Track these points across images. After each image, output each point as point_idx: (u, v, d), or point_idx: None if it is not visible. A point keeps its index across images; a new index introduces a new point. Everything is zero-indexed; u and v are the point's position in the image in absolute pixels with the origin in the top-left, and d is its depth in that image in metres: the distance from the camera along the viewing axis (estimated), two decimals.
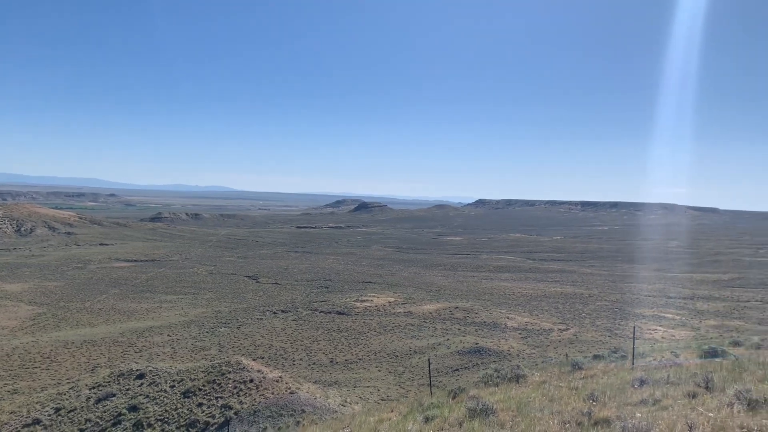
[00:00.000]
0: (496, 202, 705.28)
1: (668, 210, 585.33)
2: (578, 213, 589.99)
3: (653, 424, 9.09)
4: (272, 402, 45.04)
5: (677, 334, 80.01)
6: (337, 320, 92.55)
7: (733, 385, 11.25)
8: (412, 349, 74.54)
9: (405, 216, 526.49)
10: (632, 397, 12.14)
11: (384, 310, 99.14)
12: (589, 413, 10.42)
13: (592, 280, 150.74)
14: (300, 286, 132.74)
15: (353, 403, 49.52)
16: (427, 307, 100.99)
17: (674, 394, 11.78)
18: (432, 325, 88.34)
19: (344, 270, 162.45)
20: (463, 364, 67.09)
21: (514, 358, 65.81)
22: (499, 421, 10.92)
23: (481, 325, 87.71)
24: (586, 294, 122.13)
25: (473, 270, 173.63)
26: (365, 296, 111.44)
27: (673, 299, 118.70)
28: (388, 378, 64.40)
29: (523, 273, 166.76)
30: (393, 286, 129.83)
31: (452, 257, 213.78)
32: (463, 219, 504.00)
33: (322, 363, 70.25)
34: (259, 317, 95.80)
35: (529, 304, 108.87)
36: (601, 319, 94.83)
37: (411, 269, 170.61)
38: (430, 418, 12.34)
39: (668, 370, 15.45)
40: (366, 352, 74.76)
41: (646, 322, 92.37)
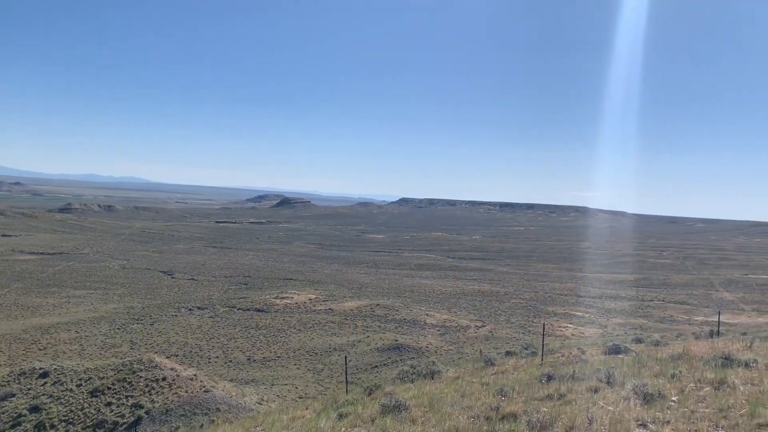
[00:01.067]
0: (419, 201, 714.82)
1: (580, 212, 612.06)
2: (497, 213, 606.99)
3: (557, 418, 9.45)
4: (186, 400, 43.84)
5: (586, 332, 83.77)
6: (256, 317, 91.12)
7: (631, 380, 11.85)
8: (332, 347, 74.43)
9: (328, 213, 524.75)
10: (539, 392, 12.57)
11: (304, 308, 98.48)
12: (498, 408, 10.72)
13: (508, 278, 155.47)
14: (218, 282, 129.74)
15: (270, 401, 48.93)
16: (349, 304, 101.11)
17: (578, 389, 12.28)
18: (353, 322, 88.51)
19: (264, 266, 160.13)
20: (382, 361, 67.62)
21: (432, 354, 66.95)
22: (411, 417, 11.06)
23: (401, 322, 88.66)
24: (502, 292, 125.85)
25: (395, 268, 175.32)
26: (285, 293, 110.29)
27: (583, 298, 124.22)
28: (306, 376, 64.02)
29: (444, 271, 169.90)
30: (314, 284, 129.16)
31: (375, 255, 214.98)
32: (386, 217, 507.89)
33: (240, 361, 68.99)
34: (173, 314, 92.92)
35: (448, 302, 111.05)
36: (516, 316, 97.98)
37: (333, 266, 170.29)
38: (344, 415, 12.34)
39: (574, 366, 16.11)
40: (285, 349, 74.01)
41: (558, 319, 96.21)
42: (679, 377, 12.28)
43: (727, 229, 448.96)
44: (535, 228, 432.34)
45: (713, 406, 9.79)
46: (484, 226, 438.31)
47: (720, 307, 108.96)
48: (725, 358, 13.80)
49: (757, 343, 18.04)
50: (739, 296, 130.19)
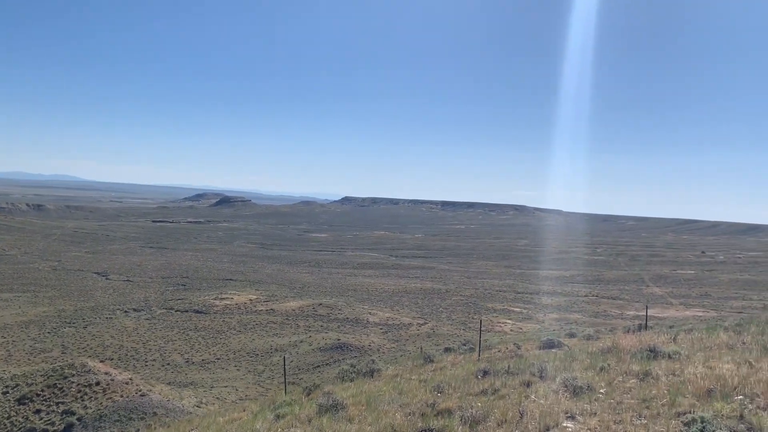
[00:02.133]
0: (362, 200, 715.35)
1: (519, 211, 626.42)
2: (438, 212, 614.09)
3: (490, 412, 9.66)
4: (121, 405, 42.61)
5: (524, 327, 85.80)
6: (195, 319, 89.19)
7: (562, 373, 12.23)
8: (274, 347, 73.68)
9: (270, 212, 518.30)
10: (475, 387, 12.81)
11: (245, 308, 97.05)
12: (434, 404, 10.87)
13: (449, 276, 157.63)
14: (154, 283, 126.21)
15: (210, 404, 48.06)
16: (291, 304, 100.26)
17: (512, 384, 12.58)
18: (295, 322, 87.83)
19: (203, 267, 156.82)
20: (324, 360, 67.42)
21: (374, 352, 67.18)
22: (348, 416, 11.08)
23: (344, 321, 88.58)
24: (444, 289, 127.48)
25: (338, 267, 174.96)
26: (225, 294, 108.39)
27: (521, 294, 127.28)
28: (247, 377, 63.19)
29: (386, 269, 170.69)
30: (255, 284, 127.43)
31: (317, 254, 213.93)
32: (328, 216, 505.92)
33: (178, 363, 67.43)
34: (108, 316, 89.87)
35: (390, 300, 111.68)
36: (457, 313, 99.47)
37: (274, 266, 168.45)
38: (281, 415, 12.25)
39: (509, 361, 16.49)
40: (225, 351, 72.80)
41: (497, 315, 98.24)
42: (607, 370, 12.74)
43: (657, 226, 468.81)
44: (476, 226, 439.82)
45: (638, 396, 10.21)
46: (426, 224, 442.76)
47: (649, 301, 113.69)
48: (651, 351, 14.41)
49: (681, 336, 18.91)
50: (667, 291, 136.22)
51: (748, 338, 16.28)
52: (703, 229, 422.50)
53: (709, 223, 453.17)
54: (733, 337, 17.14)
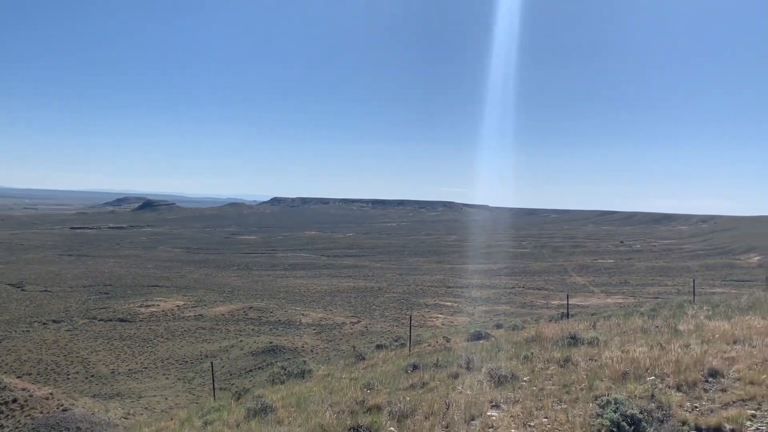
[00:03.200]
0: (292, 200, 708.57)
1: (448, 207, 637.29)
2: (369, 210, 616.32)
3: (418, 405, 9.81)
4: (41, 422, 40.73)
5: (455, 321, 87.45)
6: (120, 328, 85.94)
7: (488, 363, 12.55)
8: (204, 354, 72.02)
9: (195, 215, 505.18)
10: (404, 382, 12.97)
11: (172, 315, 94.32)
12: (363, 401, 10.93)
13: (381, 274, 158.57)
14: (75, 292, 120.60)
15: (137, 415, 46.55)
16: (220, 308, 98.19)
17: (440, 376, 12.82)
18: (225, 327, 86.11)
19: (127, 274, 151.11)
20: (257, 364, 66.47)
21: (307, 354, 66.78)
22: (278, 418, 10.99)
23: (276, 323, 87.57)
24: (377, 287, 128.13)
25: (268, 269, 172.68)
26: (151, 301, 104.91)
27: (451, 288, 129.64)
28: (177, 385, 61.56)
29: (318, 270, 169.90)
30: (182, 289, 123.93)
31: (246, 256, 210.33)
32: (257, 217, 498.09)
33: (103, 375, 64.89)
34: (25, 329, 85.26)
35: (323, 300, 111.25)
36: (390, 310, 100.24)
37: (202, 270, 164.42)
38: (209, 422, 12.02)
39: (438, 355, 16.79)
40: (152, 359, 70.59)
41: (429, 310, 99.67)
42: (531, 358, 13.17)
43: (578, 218, 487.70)
44: (406, 223, 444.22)
45: (558, 382, 10.62)
46: (357, 223, 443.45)
47: (572, 290, 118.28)
48: (572, 338, 15.00)
49: (600, 323, 19.76)
50: (589, 280, 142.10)
51: (660, 322, 17.18)
52: (621, 220, 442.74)
53: (626, 214, 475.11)
54: (647, 321, 18.04)
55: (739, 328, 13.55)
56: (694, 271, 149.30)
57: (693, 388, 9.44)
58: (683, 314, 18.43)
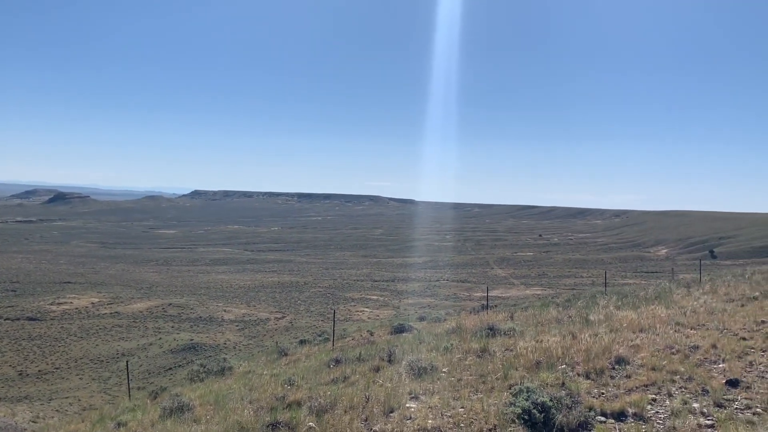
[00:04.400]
0: (214, 193, 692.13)
1: (374, 201, 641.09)
2: (295, 204, 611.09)
3: (338, 400, 9.81)
4: None
5: (381, 314, 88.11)
6: (28, 327, 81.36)
7: (409, 356, 12.71)
8: (120, 352, 69.32)
9: (111, 208, 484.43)
10: (326, 376, 12.94)
11: (87, 312, 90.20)
12: (284, 397, 10.83)
13: (307, 268, 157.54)
14: None
15: (48, 418, 44.32)
16: (138, 305, 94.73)
17: (362, 370, 12.87)
18: (143, 324, 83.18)
19: (36, 270, 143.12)
20: (176, 362, 64.64)
21: (230, 350, 65.52)
22: (195, 417, 10.72)
23: (196, 320, 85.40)
24: (302, 282, 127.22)
25: (189, 264, 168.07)
26: (63, 298, 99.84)
27: (377, 282, 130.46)
28: (92, 386, 59.00)
29: (241, 265, 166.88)
30: (97, 286, 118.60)
31: (166, 251, 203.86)
32: (177, 211, 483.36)
33: (9, 377, 61.32)
34: None
35: (246, 296, 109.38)
36: (315, 305, 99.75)
37: (118, 266, 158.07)
38: (123, 423, 11.59)
39: (361, 348, 16.85)
40: (65, 359, 67.30)
41: (355, 304, 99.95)
42: (450, 350, 13.43)
43: (500, 212, 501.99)
44: (332, 217, 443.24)
45: (476, 373, 10.88)
46: (282, 217, 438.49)
47: (493, 283, 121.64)
48: (490, 329, 15.39)
49: (518, 314, 20.42)
50: (510, 272, 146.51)
51: (573, 312, 17.93)
52: (540, 214, 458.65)
53: (546, 209, 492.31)
54: (561, 312, 18.79)
55: (645, 317, 14.32)
56: (607, 263, 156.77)
57: (601, 375, 9.90)
58: (595, 305, 19.30)
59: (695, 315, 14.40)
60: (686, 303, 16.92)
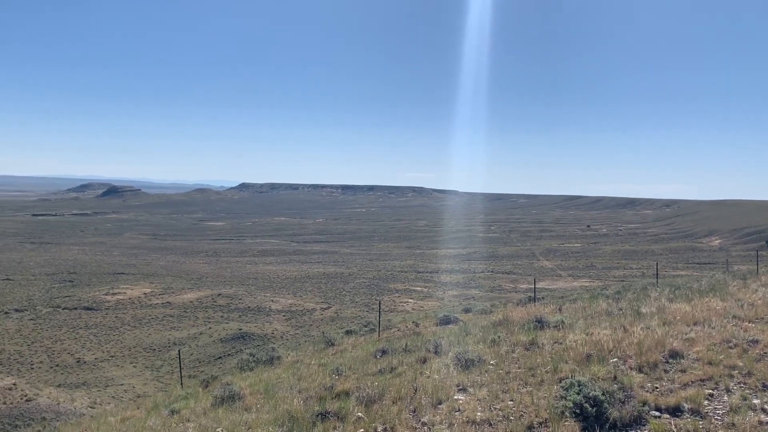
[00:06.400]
0: (260, 186, 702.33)
1: (417, 192, 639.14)
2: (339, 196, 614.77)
3: (386, 390, 9.86)
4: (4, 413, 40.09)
5: (425, 305, 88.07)
6: (85, 316, 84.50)
7: (455, 348, 12.67)
8: (172, 341, 71.32)
9: (162, 201, 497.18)
10: (373, 367, 13.02)
11: (139, 302, 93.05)
12: (332, 387, 10.95)
13: (351, 259, 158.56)
14: (38, 281, 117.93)
15: (105, 404, 45.97)
16: (188, 296, 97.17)
17: (409, 361, 12.89)
18: (193, 314, 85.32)
19: (92, 261, 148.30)
20: (226, 351, 66.11)
21: (277, 340, 66.60)
22: (246, 405, 10.95)
23: (245, 310, 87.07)
24: (347, 273, 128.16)
25: (237, 255, 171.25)
26: (117, 288, 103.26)
27: (421, 273, 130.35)
28: (145, 373, 60.93)
29: (288, 256, 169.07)
30: (149, 276, 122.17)
31: (215, 243, 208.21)
32: (225, 203, 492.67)
33: (68, 364, 63.79)
34: None
35: (293, 286, 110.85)
36: (360, 295, 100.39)
37: (169, 257, 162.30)
38: (176, 410, 11.91)
39: (407, 339, 16.88)
40: (119, 348, 69.66)
41: (399, 295, 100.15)
42: (498, 342, 13.32)
43: (546, 203, 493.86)
44: (376, 209, 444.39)
45: (524, 365, 10.77)
46: (327, 208, 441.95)
47: (540, 274, 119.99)
48: (538, 321, 15.21)
49: (566, 306, 20.10)
50: (557, 264, 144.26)
51: (624, 304, 17.53)
52: (588, 204, 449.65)
53: (593, 199, 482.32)
54: (611, 304, 18.39)
55: (699, 310, 13.89)
56: (657, 254, 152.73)
57: (654, 369, 9.67)
58: (646, 297, 18.84)
59: (753, 308, 13.89)
60: (743, 295, 16.34)
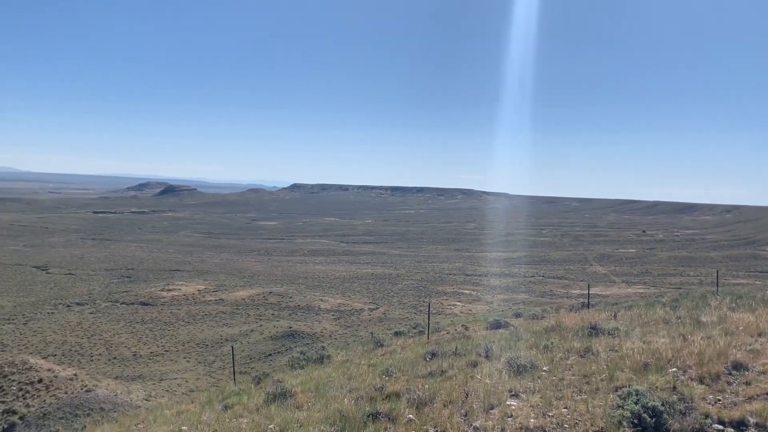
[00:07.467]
0: (311, 187, 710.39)
1: (467, 195, 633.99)
2: (388, 197, 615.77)
3: (436, 393, 9.82)
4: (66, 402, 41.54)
5: (474, 309, 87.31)
6: (141, 311, 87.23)
7: (507, 353, 12.50)
8: (224, 337, 72.85)
9: (216, 200, 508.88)
10: (423, 369, 12.98)
11: (193, 299, 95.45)
12: (382, 388, 10.97)
13: (400, 260, 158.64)
14: (98, 276, 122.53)
15: (159, 397, 47.26)
16: (240, 293, 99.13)
17: (459, 364, 12.80)
18: (245, 311, 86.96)
19: (149, 258, 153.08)
20: (276, 348, 67.08)
21: (326, 339, 67.20)
22: (297, 403, 11.08)
23: (295, 309, 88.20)
24: (395, 274, 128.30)
25: (288, 254, 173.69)
26: (172, 285, 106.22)
27: (470, 276, 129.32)
28: (197, 368, 62.37)
29: (337, 256, 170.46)
30: (203, 274, 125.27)
31: (267, 242, 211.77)
32: (278, 203, 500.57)
33: (125, 357, 65.98)
34: (50, 311, 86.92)
35: (342, 286, 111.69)
36: (408, 297, 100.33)
37: (223, 255, 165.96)
38: (229, 406, 12.16)
39: (457, 342, 16.76)
40: (173, 343, 71.60)
41: (447, 298, 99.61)
42: (550, 348, 13.09)
43: (600, 207, 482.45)
44: (425, 211, 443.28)
45: (578, 373, 10.54)
46: (376, 210, 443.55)
47: (593, 280, 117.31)
48: (592, 328, 14.88)
49: (621, 313, 19.57)
50: (610, 269, 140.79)
51: (683, 313, 16.96)
52: (643, 209, 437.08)
53: (649, 203, 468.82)
54: (669, 312, 17.82)
55: (765, 320, 13.32)
56: (717, 261, 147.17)
57: (716, 380, 9.31)
58: (706, 305, 18.17)
59: None
60: None
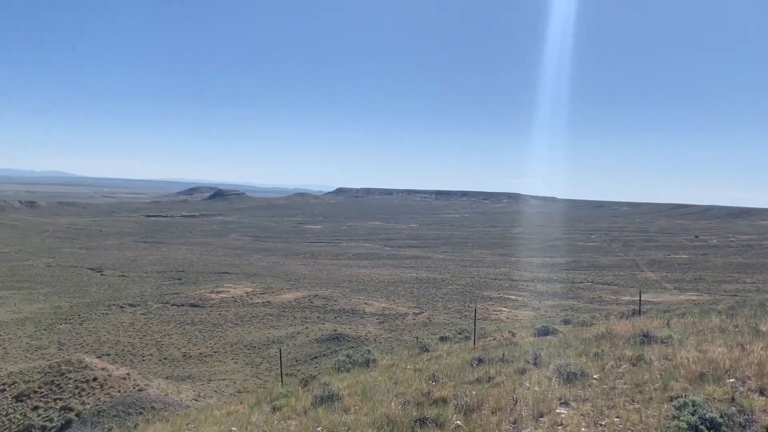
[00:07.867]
0: (356, 191, 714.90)
1: (513, 199, 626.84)
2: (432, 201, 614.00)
3: (484, 400, 9.73)
4: (119, 400, 42.67)
5: (520, 315, 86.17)
6: (191, 313, 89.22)
7: (556, 360, 12.30)
8: (271, 339, 73.82)
9: (264, 204, 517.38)
10: (470, 375, 12.88)
11: (241, 301, 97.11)
12: (429, 393, 10.94)
13: (444, 265, 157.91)
14: (150, 278, 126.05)
15: (208, 397, 48.16)
16: (287, 296, 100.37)
17: (507, 371, 12.65)
18: (291, 314, 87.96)
19: (198, 260, 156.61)
20: (321, 351, 67.58)
21: (371, 342, 67.34)
22: (344, 407, 11.14)
23: (340, 312, 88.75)
24: (439, 279, 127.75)
25: (333, 258, 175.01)
26: (221, 287, 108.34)
27: (516, 282, 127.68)
28: (245, 370, 63.34)
29: (381, 260, 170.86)
30: (251, 276, 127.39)
31: (312, 245, 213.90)
32: (323, 207, 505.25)
33: (175, 358, 67.55)
34: (104, 312, 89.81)
35: (386, 290, 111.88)
36: (453, 302, 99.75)
37: (270, 258, 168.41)
38: (278, 407, 12.31)
39: (504, 349, 16.58)
40: (222, 344, 72.93)
41: (493, 303, 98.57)
42: (601, 356, 12.81)
43: (650, 211, 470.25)
44: (470, 215, 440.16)
45: (630, 381, 10.29)
46: (420, 214, 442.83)
47: (644, 286, 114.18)
48: (644, 336, 14.49)
49: (674, 320, 19.02)
50: (662, 275, 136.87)
51: (740, 321, 16.38)
52: (696, 214, 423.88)
53: (702, 208, 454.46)
54: (725, 320, 17.23)
55: None
56: None
57: None
58: (765, 314, 17.50)
59: None
60: None
